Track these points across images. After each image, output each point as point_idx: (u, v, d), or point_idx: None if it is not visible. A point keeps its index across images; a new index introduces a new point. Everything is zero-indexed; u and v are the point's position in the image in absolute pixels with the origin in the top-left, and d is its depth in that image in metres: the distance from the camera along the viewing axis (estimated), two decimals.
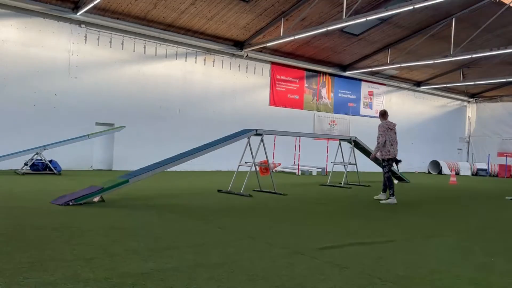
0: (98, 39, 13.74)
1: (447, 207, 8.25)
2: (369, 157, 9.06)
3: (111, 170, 13.95)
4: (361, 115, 21.32)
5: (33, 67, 12.62)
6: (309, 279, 3.08)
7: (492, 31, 16.68)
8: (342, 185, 11.51)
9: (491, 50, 15.71)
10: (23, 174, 10.79)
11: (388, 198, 8.16)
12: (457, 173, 22.88)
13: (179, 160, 7.51)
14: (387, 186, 8.28)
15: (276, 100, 18.13)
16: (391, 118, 9.16)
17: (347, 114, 20.77)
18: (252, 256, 3.68)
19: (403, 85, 22.84)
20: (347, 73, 19.91)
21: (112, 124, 13.90)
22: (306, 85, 19.14)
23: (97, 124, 13.73)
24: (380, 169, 14.66)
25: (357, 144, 12.58)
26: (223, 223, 5.25)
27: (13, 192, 7.29)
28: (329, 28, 13.32)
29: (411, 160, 23.04)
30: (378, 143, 8.42)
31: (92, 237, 4.12)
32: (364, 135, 17.26)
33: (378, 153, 8.51)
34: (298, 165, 16.56)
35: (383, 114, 8.80)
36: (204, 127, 15.74)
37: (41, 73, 12.76)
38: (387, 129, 8.47)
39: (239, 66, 17.02)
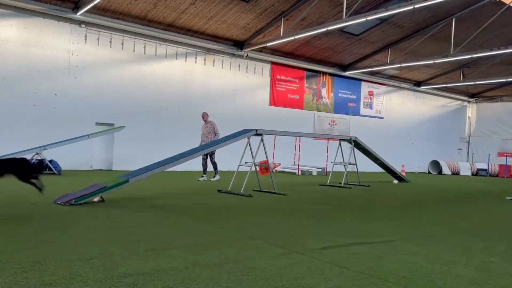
0: (98, 39, 13.74)
1: (447, 207, 8.26)
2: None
3: (111, 170, 13.95)
4: (361, 115, 21.32)
5: (33, 67, 12.62)
6: (309, 279, 3.08)
7: (492, 31, 16.67)
8: (342, 185, 11.50)
9: (491, 50, 15.71)
10: None
11: (215, 177, 11.22)
12: (457, 173, 22.90)
13: (179, 160, 7.51)
14: (215, 168, 11.26)
15: (276, 100, 18.13)
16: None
17: (347, 114, 20.77)
18: (252, 256, 3.68)
19: (403, 85, 22.84)
20: (347, 73, 19.91)
21: (112, 124, 13.90)
22: (306, 85, 19.15)
23: (97, 124, 13.73)
24: (379, 168, 14.70)
25: (357, 144, 12.58)
26: (223, 223, 5.25)
27: (13, 192, 7.29)
28: (329, 28, 13.32)
29: (411, 160, 23.06)
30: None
31: (92, 237, 4.12)
32: (364, 135, 17.28)
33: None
34: (298, 165, 16.56)
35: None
36: None
37: (41, 73, 12.76)
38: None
39: (239, 66, 17.02)
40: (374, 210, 7.19)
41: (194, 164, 11.44)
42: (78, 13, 12.60)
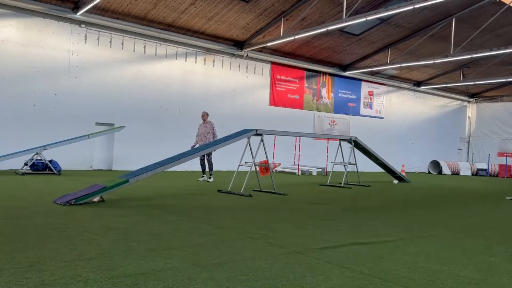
0: (98, 39, 13.74)
1: (447, 207, 8.26)
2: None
3: (111, 170, 13.95)
4: (361, 115, 21.32)
5: (33, 67, 12.62)
6: (309, 279, 3.08)
7: (492, 31, 16.68)
8: (342, 185, 11.51)
9: (491, 50, 15.71)
10: (23, 174, 10.79)
11: (210, 177, 11.21)
12: (457, 173, 22.89)
13: (179, 160, 7.51)
14: (210, 168, 11.22)
15: (276, 100, 18.13)
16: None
17: (347, 114, 20.77)
18: (252, 256, 3.68)
19: (403, 85, 22.84)
20: (347, 73, 19.91)
21: (112, 124, 13.90)
22: (306, 85, 19.14)
23: (97, 124, 13.73)
24: (379, 169, 14.70)
25: (357, 144, 12.58)
26: (223, 223, 5.25)
27: (13, 192, 7.29)
28: (329, 28, 13.32)
29: (411, 160, 23.07)
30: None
31: (92, 237, 4.12)
32: (364, 135, 17.29)
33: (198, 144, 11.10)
34: (298, 165, 16.56)
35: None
36: None
37: (41, 73, 12.76)
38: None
39: (239, 66, 17.02)
40: (374, 210, 7.19)
41: (195, 164, 11.47)
42: (78, 13, 12.60)
